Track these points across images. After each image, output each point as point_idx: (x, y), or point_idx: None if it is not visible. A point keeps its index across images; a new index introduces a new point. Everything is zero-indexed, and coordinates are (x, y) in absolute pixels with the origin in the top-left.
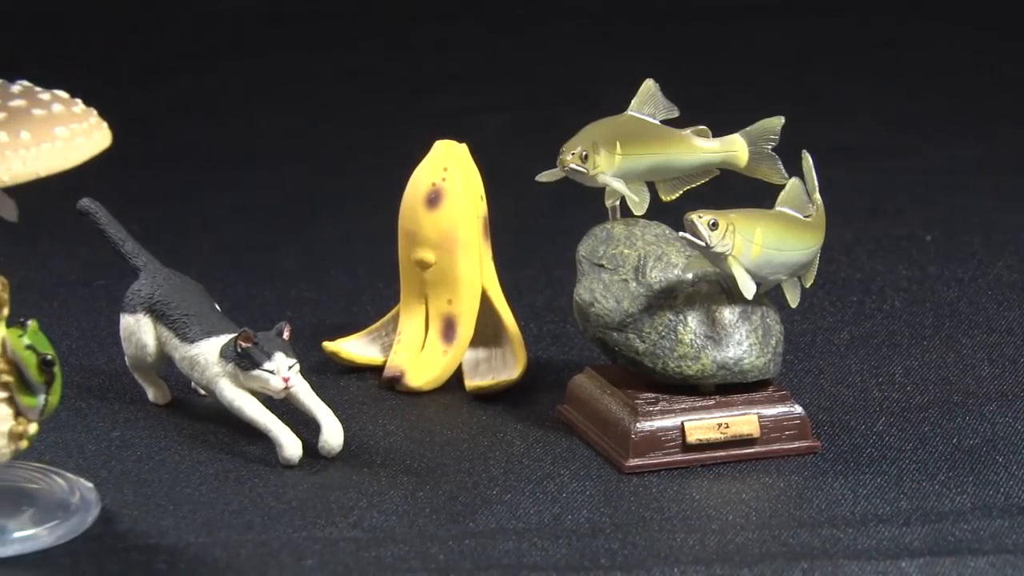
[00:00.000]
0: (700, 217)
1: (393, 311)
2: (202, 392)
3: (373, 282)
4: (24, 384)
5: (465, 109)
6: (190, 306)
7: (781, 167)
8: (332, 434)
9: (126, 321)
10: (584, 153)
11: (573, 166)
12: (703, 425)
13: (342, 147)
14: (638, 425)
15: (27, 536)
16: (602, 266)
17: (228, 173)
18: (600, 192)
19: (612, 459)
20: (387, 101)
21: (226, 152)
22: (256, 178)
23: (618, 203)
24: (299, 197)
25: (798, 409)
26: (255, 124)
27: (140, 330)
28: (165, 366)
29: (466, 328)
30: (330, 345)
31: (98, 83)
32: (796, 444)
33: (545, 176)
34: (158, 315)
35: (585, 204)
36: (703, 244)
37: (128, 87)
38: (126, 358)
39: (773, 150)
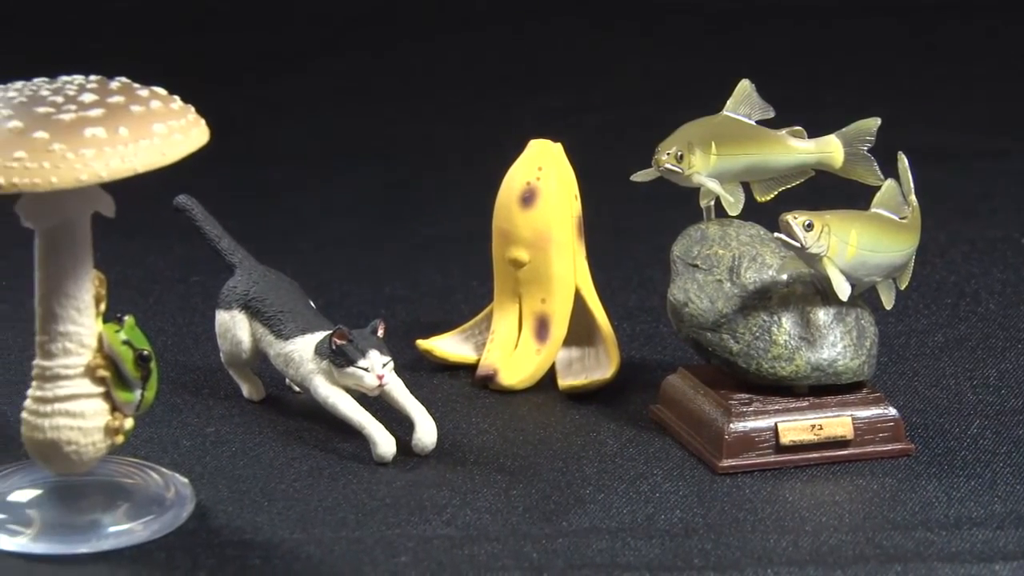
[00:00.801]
0: (795, 218)
1: (487, 310)
2: (296, 389)
3: (467, 280)
4: (120, 379)
5: (561, 108)
6: (285, 303)
7: (877, 168)
8: (426, 432)
9: (221, 317)
10: (679, 153)
11: (668, 166)
12: (797, 426)
13: (437, 146)
14: (732, 426)
15: (122, 531)
16: (696, 266)
17: (324, 171)
18: (694, 192)
19: (705, 459)
20: (483, 100)
21: (322, 150)
22: (352, 176)
23: (713, 203)
24: (394, 195)
25: (892, 411)
26: (352, 122)
27: (235, 326)
28: (260, 362)
29: (559, 327)
30: (423, 343)
31: (196, 80)
32: (890, 446)
33: (640, 176)
34: (253, 312)
35: (679, 204)
36: (798, 245)
37: (227, 84)
38: (221, 354)
39: (869, 151)
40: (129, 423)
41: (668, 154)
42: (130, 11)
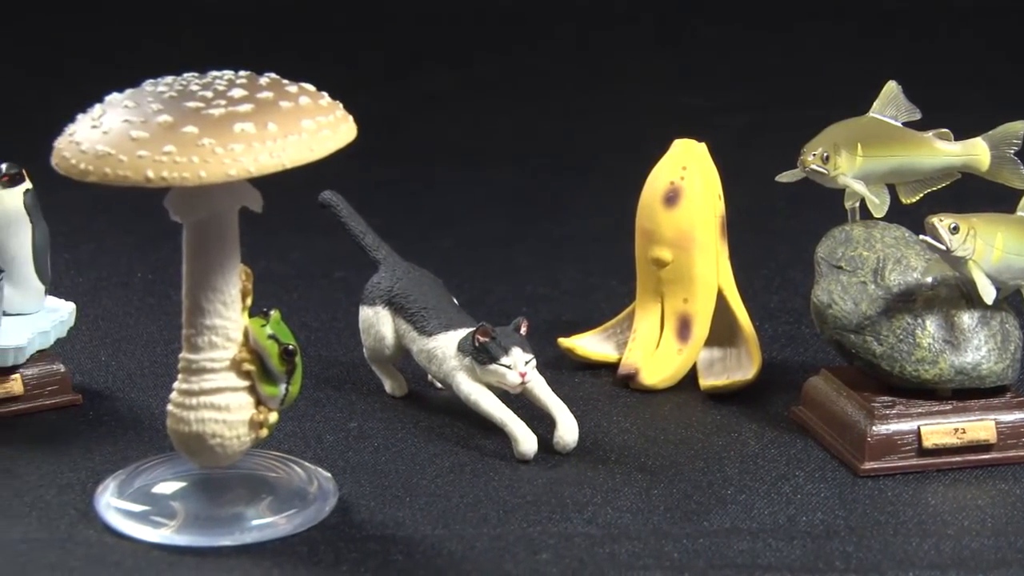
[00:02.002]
0: (941, 220)
1: (628, 309)
2: (439, 385)
3: (608, 279)
4: (266, 373)
5: (705, 108)
6: (429, 300)
7: (1023, 171)
8: (567, 430)
9: (365, 313)
10: (825, 154)
11: (814, 167)
12: (939, 430)
13: (581, 144)
14: (874, 428)
15: (265, 524)
16: (841, 268)
17: (468, 169)
18: (838, 193)
19: (847, 461)
20: (627, 99)
21: (467, 148)
22: (495, 174)
23: (858, 205)
24: (537, 193)
25: None
26: (496, 120)
27: (379, 322)
28: (402, 359)
29: (701, 327)
30: (565, 341)
31: (343, 77)
32: None
33: (785, 176)
34: (397, 308)
35: (822, 205)
36: (944, 248)
37: (373, 82)
38: (364, 350)
39: (1015, 154)
40: (273, 417)
41: (814, 155)
42: (280, 8)
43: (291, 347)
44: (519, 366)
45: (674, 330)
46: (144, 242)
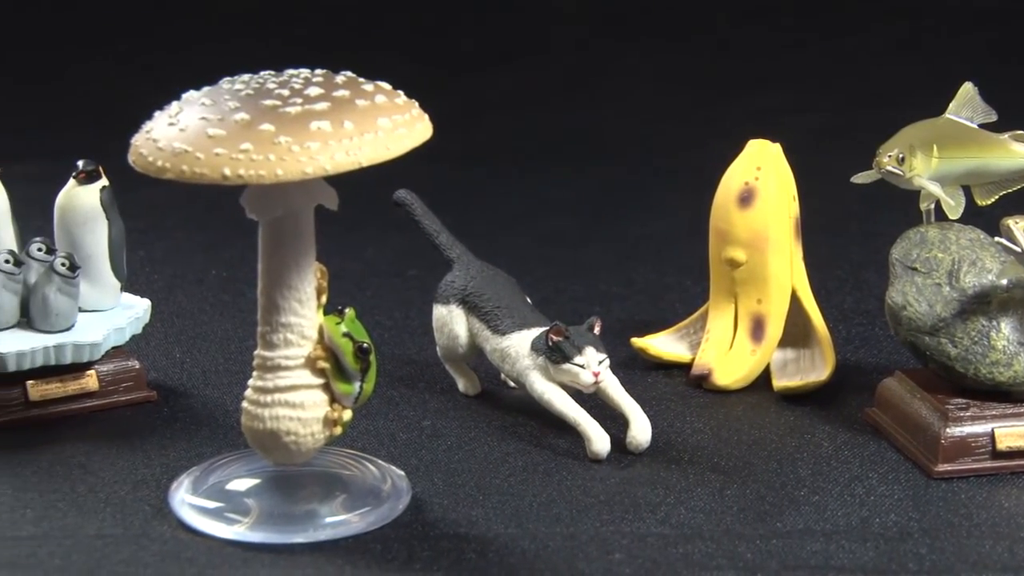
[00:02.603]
0: (1017, 223)
1: (702, 309)
2: (512, 384)
3: (681, 279)
4: (340, 371)
5: (780, 109)
6: (502, 299)
7: None
8: (640, 430)
9: (439, 312)
10: (901, 155)
11: (890, 168)
12: (1014, 432)
13: (654, 144)
14: (948, 430)
15: (338, 521)
16: (915, 269)
17: (542, 167)
18: (913, 195)
19: (921, 463)
20: (701, 99)
21: (540, 147)
22: (570, 173)
23: (933, 207)
24: (611, 193)
25: None
26: (571, 119)
27: (453, 321)
28: (475, 357)
29: (775, 328)
30: (638, 341)
31: (419, 75)
32: None
33: (860, 178)
34: (471, 307)
35: (897, 207)
36: (1019, 250)
37: (448, 80)
38: (438, 348)
39: None
40: (347, 415)
41: (889, 156)
42: (354, 7)
43: (366, 345)
44: (593, 366)
45: (748, 331)
46: (218, 239)
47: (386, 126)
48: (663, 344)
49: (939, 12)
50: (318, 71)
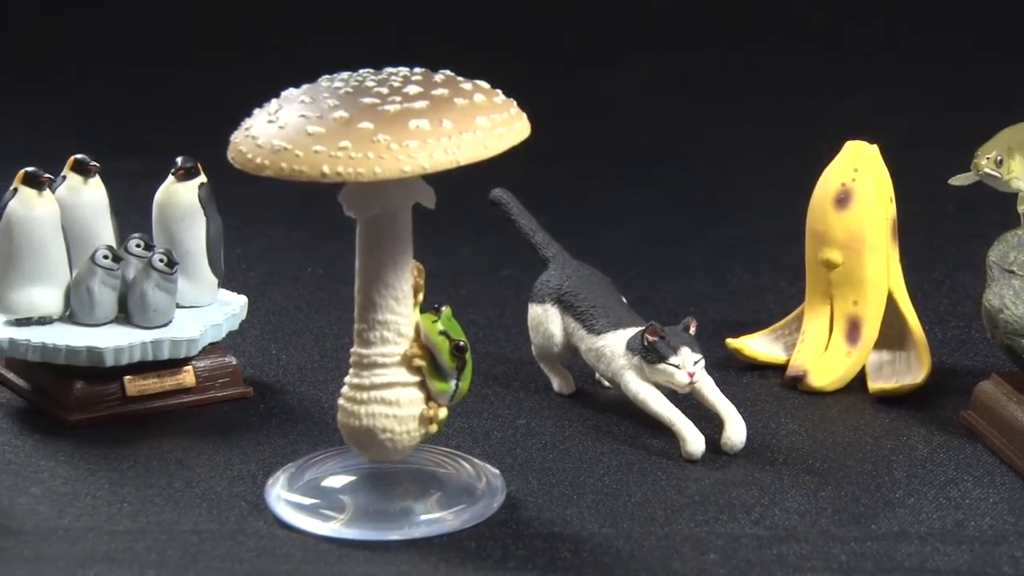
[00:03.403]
0: None
1: (797, 310)
2: (607, 384)
3: (776, 280)
4: (436, 369)
5: (878, 110)
6: (598, 298)
7: None
8: (735, 431)
9: (534, 311)
10: (999, 158)
11: (987, 170)
12: None
13: (749, 145)
14: None
15: (433, 519)
16: (1013, 272)
17: (637, 167)
18: (1011, 197)
19: (1017, 467)
20: (799, 100)
21: (635, 147)
22: (667, 174)
23: None
24: (705, 193)
25: None
26: (667, 119)
27: (548, 320)
28: (570, 356)
29: (871, 330)
30: (733, 342)
31: (517, 74)
32: None
33: (958, 180)
34: (566, 306)
35: (995, 209)
36: None
37: (547, 79)
38: (533, 347)
39: None
40: (443, 413)
41: (988, 158)
42: (452, 6)
43: (462, 343)
44: (688, 366)
45: (843, 332)
46: (314, 237)
47: (484, 125)
48: (758, 345)
49: None
50: (417, 70)
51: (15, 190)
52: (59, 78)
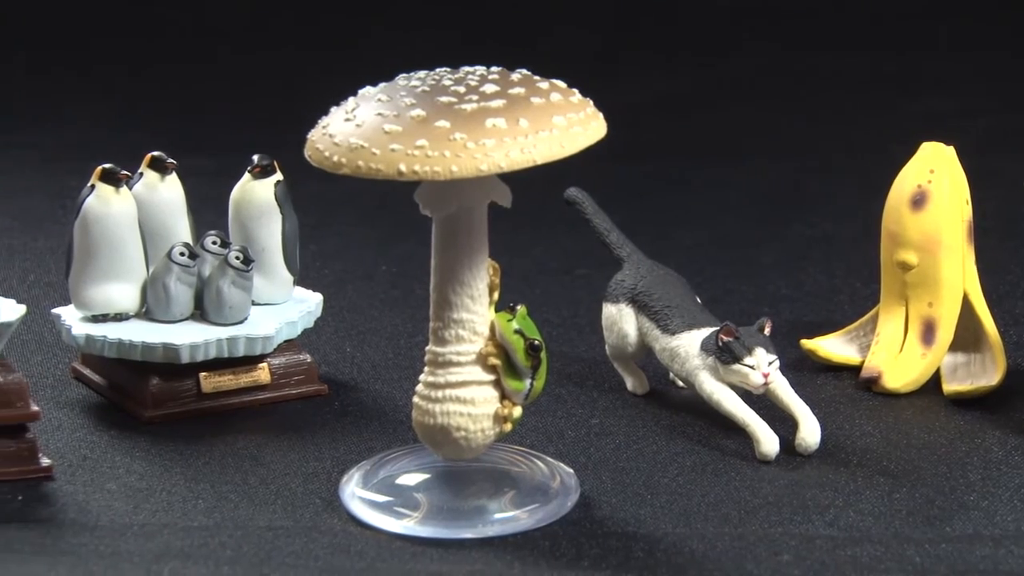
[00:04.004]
0: None
1: (872, 311)
2: (680, 384)
3: (851, 281)
4: (511, 368)
5: (954, 112)
6: (672, 298)
7: None
8: (809, 432)
9: (608, 310)
10: None
11: None
12: None
13: (829, 146)
14: None
15: (507, 518)
16: None
17: (715, 167)
18: None
19: None
20: (875, 101)
21: (712, 146)
22: (742, 173)
23: None
24: (784, 194)
25: None
26: (742, 118)
27: (622, 320)
28: (644, 356)
29: (946, 331)
30: (808, 343)
31: (593, 73)
32: None
33: None
34: (640, 306)
35: None
36: None
37: (623, 78)
38: (607, 347)
39: None
40: (517, 411)
41: None
42: (530, 5)
43: (537, 342)
44: (762, 366)
45: (918, 334)
46: (388, 235)
47: (561, 124)
48: (833, 346)
49: None
50: (494, 68)
51: (93, 187)
52: (137, 75)
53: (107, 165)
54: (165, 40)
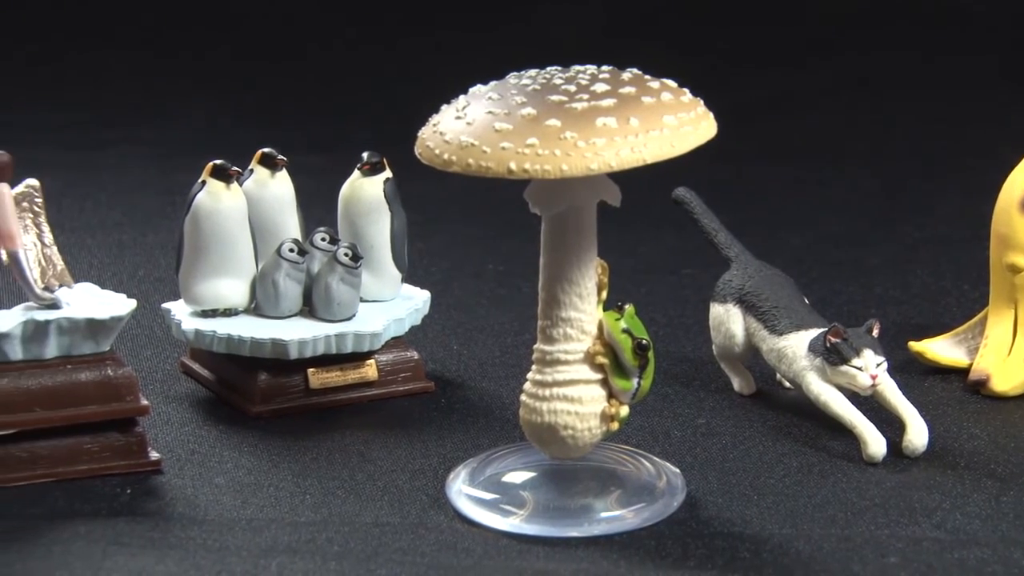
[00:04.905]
0: None
1: (981, 314)
2: (787, 385)
3: (959, 283)
4: (618, 367)
5: None
6: (780, 299)
7: None
8: (917, 434)
9: (716, 310)
10: None
11: None
12: None
13: (939, 147)
14: None
15: (613, 517)
16: None
17: (824, 167)
18: None
19: None
20: (985, 103)
21: (821, 146)
22: (848, 173)
23: None
24: (892, 195)
25: None
26: (851, 119)
27: (730, 320)
28: (751, 356)
29: None
30: (916, 345)
31: (703, 72)
32: None
33: None
34: (748, 306)
35: None
36: None
37: (732, 78)
38: (713, 347)
39: None
40: (624, 411)
41: None
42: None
43: (644, 342)
44: (870, 368)
45: None
46: (494, 233)
47: (672, 123)
48: (941, 348)
49: None
50: (604, 68)
51: (203, 183)
52: (248, 73)
53: (218, 161)
54: (277, 37)
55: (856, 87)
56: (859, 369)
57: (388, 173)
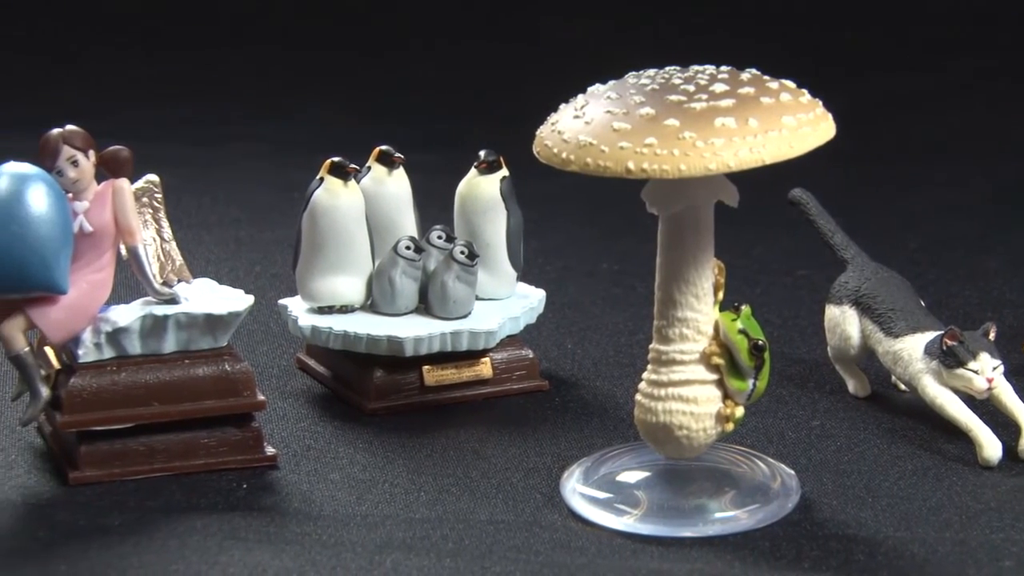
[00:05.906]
0: None
1: None
2: (902, 387)
3: None
4: (734, 368)
5: None
6: (896, 301)
7: None
8: None
9: (831, 312)
10: None
11: None
12: None
13: None
14: None
15: (727, 517)
16: None
17: (942, 169)
18: None
19: None
20: None
21: (938, 148)
22: (966, 175)
23: None
24: (1009, 197)
25: None
26: (971, 121)
27: (845, 322)
28: (866, 358)
29: None
30: None
31: (821, 73)
32: None
33: None
34: (864, 308)
35: None
36: None
37: (850, 80)
38: (829, 349)
39: None
40: (739, 411)
41: None
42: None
43: (761, 343)
44: (987, 371)
45: None
46: (608, 233)
47: (791, 124)
48: None
49: None
50: (723, 68)
51: (321, 180)
52: (366, 71)
53: (336, 158)
54: (394, 36)
55: (975, 87)
56: (975, 372)
57: (504, 171)
